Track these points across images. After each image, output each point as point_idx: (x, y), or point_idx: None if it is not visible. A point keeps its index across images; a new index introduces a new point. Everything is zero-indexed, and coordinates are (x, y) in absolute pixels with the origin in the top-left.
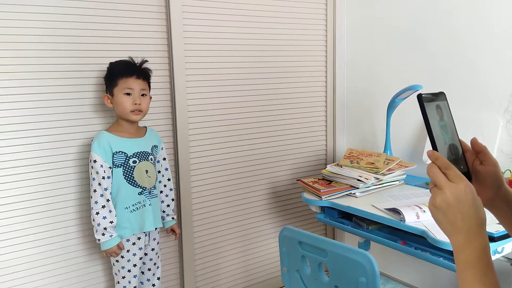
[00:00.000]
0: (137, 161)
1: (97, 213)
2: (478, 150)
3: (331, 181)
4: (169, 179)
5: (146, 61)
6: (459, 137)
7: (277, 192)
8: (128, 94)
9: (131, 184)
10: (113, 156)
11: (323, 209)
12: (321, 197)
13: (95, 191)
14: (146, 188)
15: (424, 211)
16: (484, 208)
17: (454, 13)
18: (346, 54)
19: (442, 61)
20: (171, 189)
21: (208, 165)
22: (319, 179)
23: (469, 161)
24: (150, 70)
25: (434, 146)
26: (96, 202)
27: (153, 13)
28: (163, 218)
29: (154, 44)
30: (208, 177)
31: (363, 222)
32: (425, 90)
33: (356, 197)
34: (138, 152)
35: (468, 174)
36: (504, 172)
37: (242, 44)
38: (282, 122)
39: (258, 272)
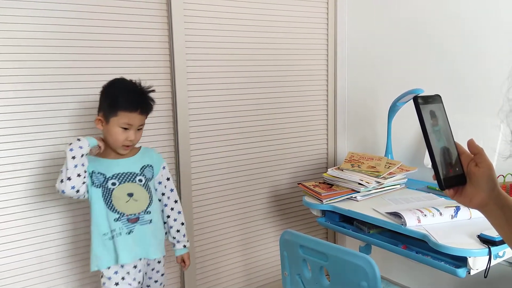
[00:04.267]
0: (117, 183)
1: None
2: (475, 152)
3: (332, 185)
4: (176, 201)
5: (153, 90)
6: (455, 140)
7: (278, 196)
8: (125, 128)
9: (109, 208)
10: (91, 176)
11: (324, 212)
12: (322, 201)
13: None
14: (123, 214)
15: (425, 215)
16: (477, 211)
17: (461, 15)
18: (348, 57)
19: (446, 64)
20: (179, 212)
21: (209, 168)
22: (320, 182)
23: (464, 163)
24: (154, 102)
25: (430, 149)
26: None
27: (155, 23)
28: (173, 245)
29: (156, 54)
30: (209, 180)
31: (364, 226)
32: (426, 94)
33: (357, 200)
34: (119, 173)
35: (463, 177)
36: (506, 175)
37: (243, 48)
38: (282, 126)
39: (259, 276)
